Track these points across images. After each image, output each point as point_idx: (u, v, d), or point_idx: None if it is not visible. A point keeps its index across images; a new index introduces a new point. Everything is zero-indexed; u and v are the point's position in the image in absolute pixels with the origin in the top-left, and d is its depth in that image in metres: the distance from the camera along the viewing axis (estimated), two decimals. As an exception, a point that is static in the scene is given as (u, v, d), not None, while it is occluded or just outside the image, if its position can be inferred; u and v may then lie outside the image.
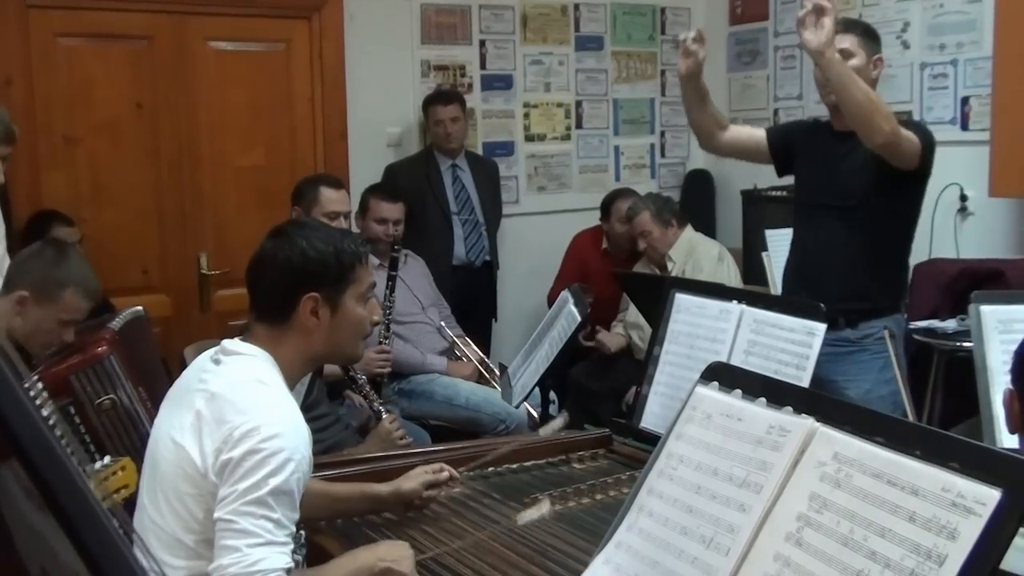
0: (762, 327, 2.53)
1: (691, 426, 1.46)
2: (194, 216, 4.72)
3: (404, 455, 2.72)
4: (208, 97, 4.71)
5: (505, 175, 5.55)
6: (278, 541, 1.80)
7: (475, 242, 5.10)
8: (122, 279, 4.43)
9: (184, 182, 4.69)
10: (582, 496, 2.43)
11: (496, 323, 5.37)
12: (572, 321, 3.17)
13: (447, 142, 5.02)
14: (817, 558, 1.19)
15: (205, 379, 1.96)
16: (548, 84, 5.81)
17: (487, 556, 2.09)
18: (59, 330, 2.75)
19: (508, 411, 3.95)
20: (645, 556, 1.40)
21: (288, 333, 2.00)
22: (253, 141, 4.83)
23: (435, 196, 5.00)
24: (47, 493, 0.86)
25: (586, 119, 5.96)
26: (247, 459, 1.80)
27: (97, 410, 2.63)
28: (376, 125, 5.17)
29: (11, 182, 3.50)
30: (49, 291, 2.73)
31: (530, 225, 5.63)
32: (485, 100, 5.60)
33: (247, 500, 1.78)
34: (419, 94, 5.23)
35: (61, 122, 4.41)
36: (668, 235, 4.74)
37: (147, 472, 2.01)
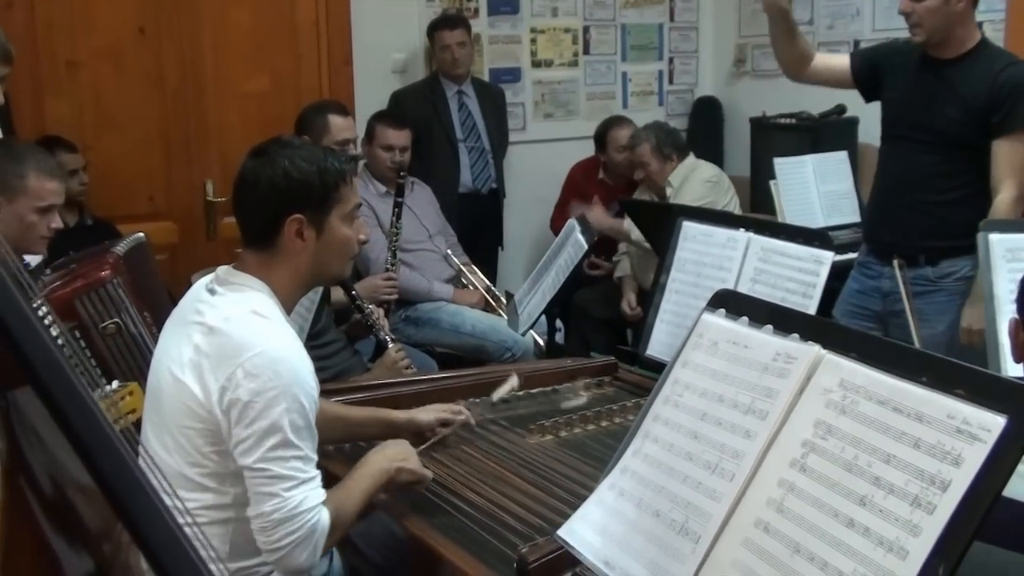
0: (769, 255, 2.53)
1: (697, 353, 1.46)
2: (199, 143, 4.68)
3: (410, 381, 2.74)
4: (212, 23, 4.65)
5: (511, 102, 5.50)
6: (310, 477, 1.85)
7: (481, 169, 5.07)
8: (129, 206, 4.42)
9: (189, 109, 4.65)
10: (587, 423, 2.46)
11: (502, 251, 5.37)
12: (579, 249, 3.16)
13: (453, 68, 4.96)
14: (821, 484, 1.20)
15: (201, 310, 1.94)
16: (555, 9, 5.72)
17: (494, 481, 2.12)
18: (42, 221, 2.73)
19: (514, 339, 3.96)
20: (650, 481, 1.41)
21: (276, 257, 1.98)
22: (258, 67, 4.78)
23: (441, 123, 4.96)
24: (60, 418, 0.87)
25: (593, 45, 5.89)
26: (256, 400, 1.80)
27: (102, 334, 2.64)
28: (381, 51, 5.11)
29: (15, 108, 3.48)
30: (13, 184, 2.69)
31: (537, 152, 5.59)
32: (491, 25, 5.52)
33: (272, 444, 1.80)
34: (424, 19, 5.15)
35: (63, 47, 4.36)
36: (666, 168, 4.72)
37: (149, 404, 2.01)
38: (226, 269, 2.01)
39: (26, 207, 2.69)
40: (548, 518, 1.93)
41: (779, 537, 1.21)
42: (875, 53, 3.43)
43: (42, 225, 2.72)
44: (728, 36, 6.16)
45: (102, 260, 2.70)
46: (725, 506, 1.29)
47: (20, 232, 2.68)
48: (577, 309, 4.92)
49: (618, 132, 5.08)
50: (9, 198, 2.67)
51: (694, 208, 3.29)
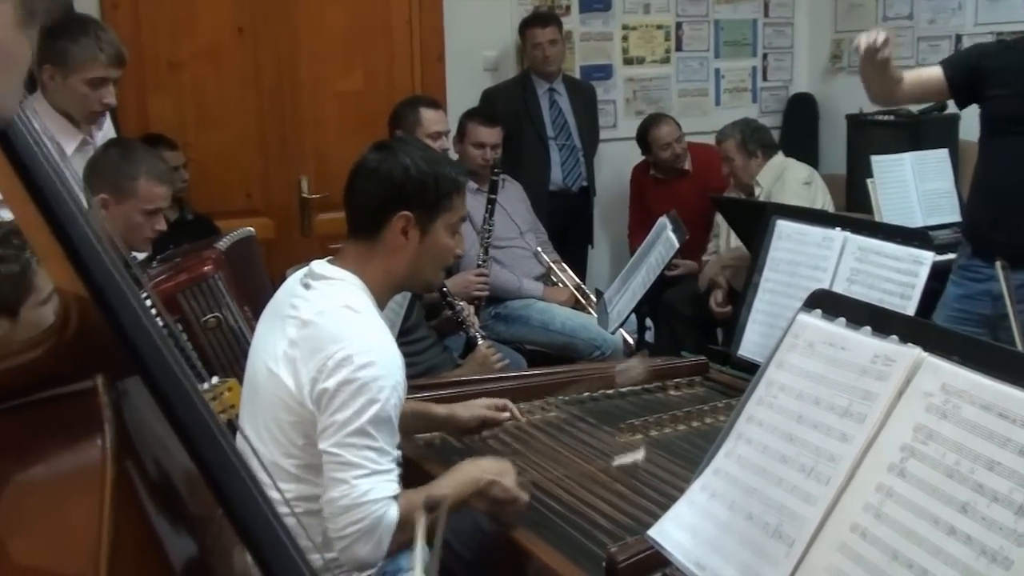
0: (866, 255, 2.48)
1: (793, 354, 1.44)
2: (295, 140, 4.77)
3: (500, 378, 2.76)
4: (308, 22, 4.73)
5: (603, 99, 5.48)
6: (383, 469, 1.85)
7: (572, 167, 5.06)
8: (226, 202, 4.52)
9: (285, 107, 4.74)
10: (678, 423, 2.44)
11: (592, 249, 5.36)
12: (670, 248, 3.14)
13: (544, 65, 4.97)
14: (921, 489, 1.17)
15: (296, 304, 1.98)
16: (647, 5, 5.68)
17: (584, 480, 2.12)
18: (148, 223, 2.82)
19: (604, 337, 3.95)
20: (743, 483, 1.39)
21: (376, 250, 2.01)
22: (352, 65, 4.85)
23: (532, 121, 4.97)
24: (166, 407, 0.90)
25: (686, 41, 5.83)
26: (343, 389, 1.83)
27: (203, 328, 2.71)
28: (473, 49, 5.14)
29: (120, 107, 3.58)
30: (123, 186, 2.79)
31: (628, 150, 5.56)
32: (583, 22, 5.51)
33: (349, 432, 1.82)
34: (516, 17, 5.17)
35: (165, 47, 4.48)
36: (751, 166, 4.65)
37: (246, 397, 2.06)
38: (320, 263, 2.05)
39: (133, 208, 2.78)
40: (637, 518, 1.92)
41: (876, 543, 1.19)
42: (971, 58, 3.33)
43: (147, 226, 2.81)
44: (824, 31, 6.05)
45: (205, 256, 2.77)
46: (820, 510, 1.26)
47: (126, 231, 2.77)
48: (667, 308, 4.88)
49: (658, 131, 5.04)
50: (118, 198, 2.77)
51: (788, 206, 3.24)
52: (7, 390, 0.92)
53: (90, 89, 3.05)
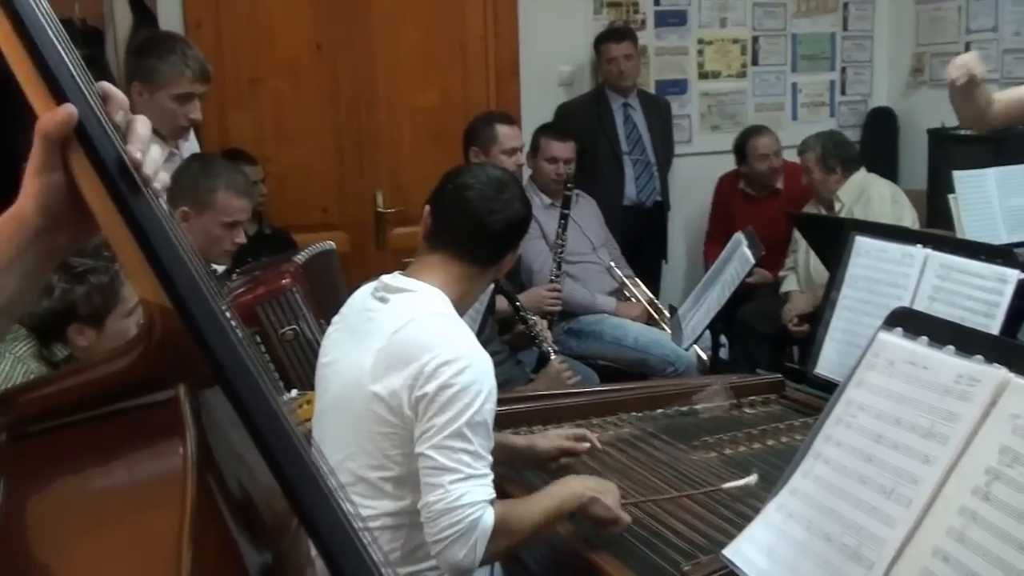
0: (948, 272, 2.42)
1: (872, 373, 1.41)
2: (370, 155, 4.83)
3: (572, 394, 2.75)
4: (384, 39, 4.79)
5: (678, 114, 5.45)
6: (478, 473, 1.85)
7: (646, 182, 5.05)
8: (303, 217, 4.59)
9: (361, 122, 4.80)
10: (753, 441, 2.41)
11: (666, 264, 5.33)
12: (745, 264, 3.11)
13: (619, 80, 4.96)
14: (1007, 514, 1.14)
15: (374, 318, 2.00)
16: (724, 19, 5.65)
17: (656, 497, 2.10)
18: (227, 235, 2.87)
19: (677, 353, 3.92)
20: (821, 504, 1.37)
21: (477, 277, 2.11)
22: (427, 81, 4.90)
23: (606, 135, 4.96)
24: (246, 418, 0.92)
25: (763, 55, 5.78)
26: (441, 394, 1.85)
27: (281, 340, 2.75)
28: (548, 64, 5.16)
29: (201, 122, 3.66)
30: (203, 199, 2.84)
31: (703, 165, 5.52)
32: (658, 37, 5.49)
33: (445, 435, 1.84)
34: (591, 32, 5.17)
35: (246, 64, 4.57)
36: (829, 181, 4.58)
37: (324, 410, 2.07)
38: (393, 276, 2.07)
39: (213, 221, 2.84)
40: (711, 536, 1.90)
41: (959, 568, 1.16)
42: None
43: (227, 239, 2.86)
44: (905, 44, 5.94)
45: (283, 269, 2.82)
46: (901, 533, 1.24)
47: (206, 243, 2.82)
48: (741, 324, 4.83)
49: (758, 141, 4.98)
50: (198, 211, 2.83)
51: (867, 222, 3.18)
52: (94, 398, 0.94)
53: (177, 105, 3.13)
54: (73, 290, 2.23)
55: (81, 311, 2.24)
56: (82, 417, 0.94)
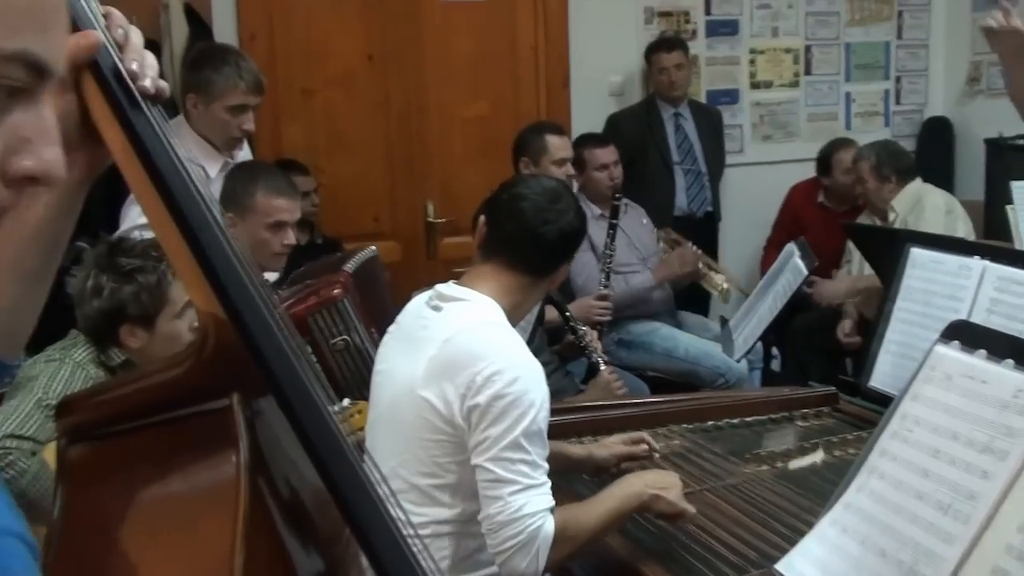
0: (1007, 285, 2.37)
1: (929, 387, 1.39)
2: (421, 165, 4.86)
3: (622, 405, 2.74)
4: (435, 49, 4.82)
5: (729, 124, 5.42)
6: (536, 483, 1.86)
7: (697, 192, 5.02)
8: (354, 226, 4.62)
9: (412, 132, 4.83)
10: (806, 455, 2.38)
11: (717, 275, 5.29)
12: (798, 275, 3.08)
13: (670, 90, 4.95)
14: (1069, 532, 1.11)
15: (428, 326, 2.01)
16: (776, 29, 5.61)
17: (707, 510, 2.08)
18: (274, 237, 2.87)
19: (728, 365, 3.89)
20: (876, 519, 1.35)
21: (530, 287, 2.11)
22: (477, 91, 4.91)
23: (657, 145, 4.95)
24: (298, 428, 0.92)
25: (815, 64, 5.73)
26: (494, 404, 1.85)
27: (332, 350, 2.77)
28: (598, 74, 5.15)
29: (255, 132, 3.71)
30: (244, 203, 2.86)
31: (754, 175, 5.48)
32: (709, 47, 5.47)
33: (502, 446, 1.84)
34: (642, 42, 5.16)
35: (299, 75, 4.62)
36: (883, 190, 4.51)
37: (380, 420, 2.08)
38: (447, 286, 2.08)
39: (256, 224, 2.85)
40: (763, 551, 1.87)
41: (1019, 587, 1.14)
42: None
43: (275, 242, 2.86)
44: (961, 53, 5.85)
45: (334, 279, 2.83)
46: (959, 550, 1.21)
47: (253, 249, 2.84)
48: (794, 336, 4.78)
49: (845, 154, 4.90)
50: (241, 216, 2.85)
51: (923, 233, 3.13)
52: (150, 406, 0.96)
53: (231, 116, 3.17)
54: (121, 289, 2.27)
55: (130, 311, 2.28)
56: (139, 424, 0.95)
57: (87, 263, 2.33)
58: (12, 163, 0.68)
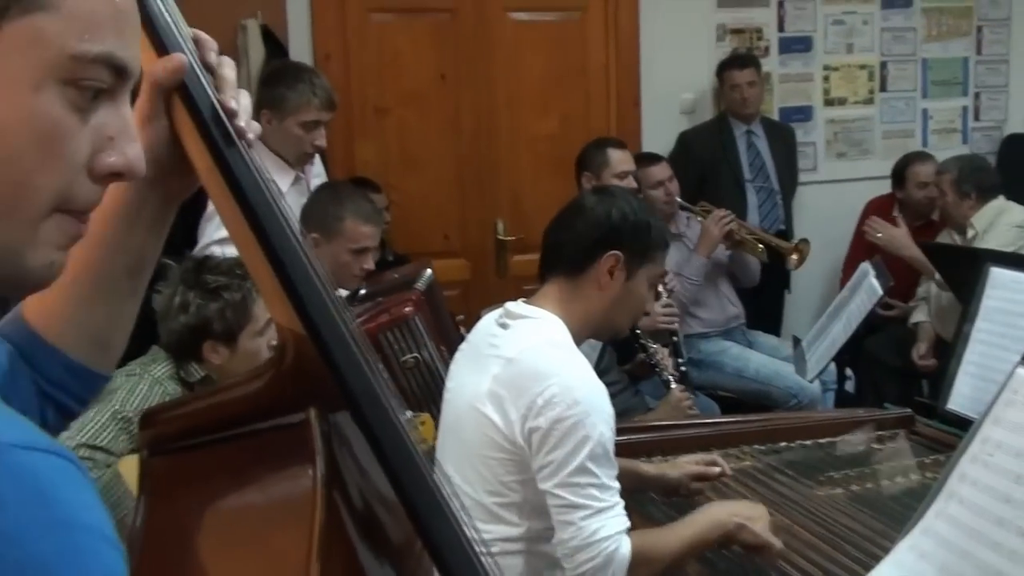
0: (1092, 306, 2.31)
1: (1011, 410, 1.36)
2: (491, 183, 4.88)
3: (693, 425, 2.71)
4: (506, 67, 4.84)
5: (802, 141, 5.36)
6: (608, 505, 1.84)
7: (769, 210, 4.96)
8: (425, 243, 4.65)
9: (482, 150, 4.85)
10: (881, 478, 2.34)
11: (789, 294, 5.22)
12: (873, 295, 3.04)
13: (742, 107, 4.91)
14: None
15: (496, 344, 2.01)
16: (850, 45, 5.53)
17: (779, 532, 2.05)
18: (355, 261, 2.93)
19: (801, 385, 3.83)
20: (955, 545, 1.32)
21: (580, 288, 2.04)
22: (548, 110, 4.93)
23: (729, 163, 4.91)
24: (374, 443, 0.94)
25: (891, 81, 5.64)
26: (556, 428, 1.84)
27: (402, 367, 2.79)
28: (670, 92, 5.13)
29: (328, 150, 3.77)
30: (331, 226, 2.91)
31: (828, 193, 5.41)
32: (782, 63, 5.41)
33: (569, 471, 1.83)
34: (714, 59, 5.13)
35: (372, 94, 4.68)
36: (963, 206, 4.42)
37: (448, 436, 2.09)
38: (516, 304, 2.08)
39: (341, 247, 2.91)
40: (836, 575, 1.84)
41: (1107, 618, 1.10)
42: None
43: (355, 265, 2.93)
44: (1043, 68, 5.73)
45: (405, 297, 2.86)
46: (1042, 578, 1.18)
47: (334, 270, 2.90)
48: (868, 356, 4.69)
49: (919, 168, 4.83)
50: (327, 237, 2.91)
51: (1004, 253, 3.07)
52: (229, 419, 0.97)
53: (303, 132, 3.23)
54: (207, 306, 2.32)
55: (215, 327, 2.33)
56: (217, 437, 0.97)
57: (172, 279, 2.39)
58: (99, 160, 0.73)
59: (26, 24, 0.67)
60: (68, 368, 1.00)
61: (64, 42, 0.68)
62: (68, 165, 0.71)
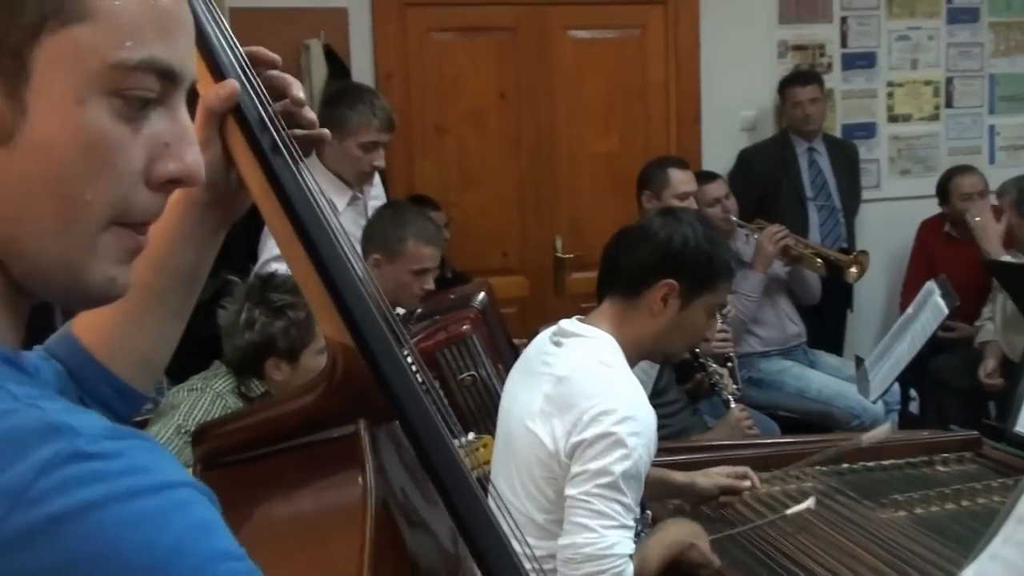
0: None
1: (1081, 433, 1.32)
2: (550, 201, 4.88)
3: (752, 444, 2.68)
4: (566, 85, 4.85)
5: (865, 158, 5.28)
6: (628, 525, 1.85)
7: (831, 228, 4.90)
8: (484, 261, 4.67)
9: (542, 168, 4.86)
10: (946, 501, 2.28)
11: (851, 313, 5.14)
12: (938, 314, 2.98)
13: (804, 124, 4.85)
14: None
15: (548, 362, 2.01)
16: (915, 61, 5.45)
17: (841, 555, 2.02)
18: (416, 281, 2.95)
19: (863, 406, 3.77)
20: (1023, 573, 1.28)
21: (633, 311, 2.03)
22: (607, 127, 4.92)
23: (790, 181, 4.85)
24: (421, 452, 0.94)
25: (957, 97, 5.54)
26: (598, 441, 1.84)
27: (460, 385, 2.80)
28: (730, 109, 5.09)
29: (388, 168, 3.79)
30: (393, 247, 2.93)
31: (891, 211, 5.32)
32: (845, 80, 5.34)
33: (601, 483, 1.83)
34: (776, 76, 5.08)
35: (433, 112, 4.71)
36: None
37: (500, 453, 2.10)
38: (569, 322, 2.08)
39: (402, 268, 2.94)
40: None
41: None
42: None
43: (415, 285, 2.95)
44: (1117, 84, 5.59)
45: (463, 315, 2.87)
46: (1115, 607, 1.14)
47: (395, 289, 2.92)
48: (933, 377, 4.60)
49: (961, 180, 4.76)
50: (389, 258, 2.93)
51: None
52: (281, 432, 0.98)
53: (363, 152, 3.26)
54: (272, 324, 2.35)
55: (279, 345, 2.36)
56: (270, 450, 0.98)
57: (238, 296, 2.42)
58: (156, 168, 0.72)
59: (64, 37, 0.66)
60: (114, 387, 1.01)
61: (104, 52, 0.67)
62: (122, 177, 0.69)
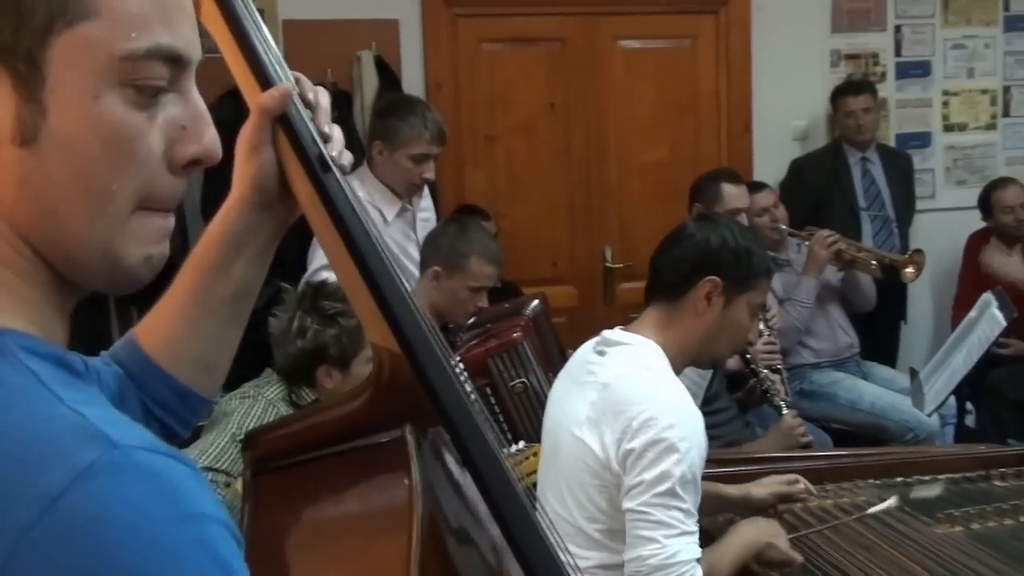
0: None
1: None
2: (600, 211, 4.87)
3: (804, 457, 2.65)
4: (616, 95, 4.84)
5: (920, 168, 5.21)
6: (690, 531, 1.84)
7: (885, 239, 4.83)
8: (533, 270, 4.67)
9: (592, 178, 4.85)
10: (1004, 516, 2.24)
11: (905, 325, 5.07)
12: (995, 326, 2.93)
13: (857, 134, 4.80)
14: None
15: (593, 370, 2.01)
16: (971, 70, 5.37)
17: (895, 570, 1.99)
18: (471, 298, 2.97)
19: (918, 419, 3.71)
20: (1082, 587, 1.25)
21: (676, 315, 2.03)
22: (658, 137, 4.90)
23: (843, 191, 4.80)
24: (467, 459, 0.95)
25: (1015, 106, 5.44)
26: (649, 449, 1.83)
27: (510, 392, 2.80)
28: (781, 119, 5.05)
29: (438, 178, 3.81)
30: (456, 262, 2.95)
31: (947, 221, 5.24)
32: (899, 89, 5.28)
33: (658, 492, 1.82)
34: (828, 85, 5.03)
35: (483, 122, 4.73)
36: None
37: (546, 462, 2.10)
38: (612, 331, 2.09)
39: (461, 284, 2.96)
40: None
41: None
42: None
43: (470, 302, 2.98)
44: None
45: (514, 323, 2.87)
46: None
47: (449, 303, 2.95)
48: (990, 390, 4.51)
49: (1003, 193, 4.69)
50: (449, 271, 2.95)
51: None
52: (329, 437, 1.00)
53: (413, 164, 3.28)
54: (324, 332, 2.37)
55: (331, 352, 2.38)
56: (318, 455, 0.99)
57: (289, 304, 2.45)
58: (175, 151, 0.73)
59: (72, 36, 0.67)
60: (176, 391, 1.04)
61: (112, 45, 0.68)
62: (144, 164, 0.71)
